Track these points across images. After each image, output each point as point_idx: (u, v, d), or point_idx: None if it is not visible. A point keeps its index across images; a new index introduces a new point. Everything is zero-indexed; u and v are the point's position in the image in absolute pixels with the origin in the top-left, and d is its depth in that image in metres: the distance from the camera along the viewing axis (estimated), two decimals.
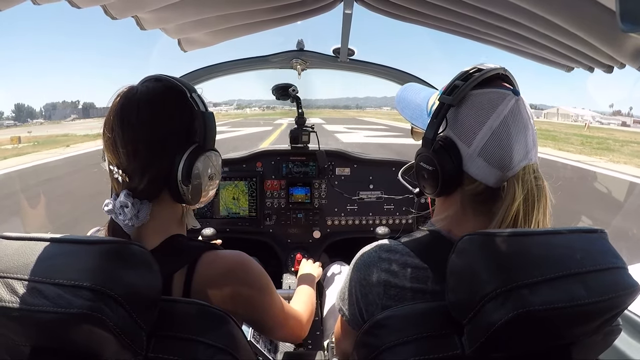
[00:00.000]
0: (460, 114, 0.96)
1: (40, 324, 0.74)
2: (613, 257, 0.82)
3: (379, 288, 0.98)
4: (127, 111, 0.99)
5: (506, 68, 0.99)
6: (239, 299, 1.04)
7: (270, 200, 2.65)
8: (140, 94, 1.01)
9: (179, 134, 1.03)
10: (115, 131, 0.98)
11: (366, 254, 1.04)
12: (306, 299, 1.55)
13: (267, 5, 1.58)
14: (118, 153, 0.98)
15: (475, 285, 0.78)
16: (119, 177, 0.99)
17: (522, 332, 0.76)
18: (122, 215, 0.98)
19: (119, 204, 0.98)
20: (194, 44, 1.91)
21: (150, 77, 1.07)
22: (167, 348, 0.83)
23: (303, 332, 1.34)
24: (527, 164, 0.94)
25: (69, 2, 1.14)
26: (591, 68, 1.39)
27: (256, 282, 1.09)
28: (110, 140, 0.99)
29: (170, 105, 1.02)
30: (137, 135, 0.98)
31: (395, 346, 0.85)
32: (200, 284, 0.99)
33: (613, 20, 0.59)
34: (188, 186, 1.02)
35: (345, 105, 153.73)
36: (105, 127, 1.00)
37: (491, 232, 0.82)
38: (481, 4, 1.26)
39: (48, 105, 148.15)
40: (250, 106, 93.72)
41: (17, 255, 0.79)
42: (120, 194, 0.98)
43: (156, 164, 1.00)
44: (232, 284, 1.03)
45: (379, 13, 1.65)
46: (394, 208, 2.70)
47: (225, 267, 1.04)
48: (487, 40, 1.64)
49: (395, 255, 1.00)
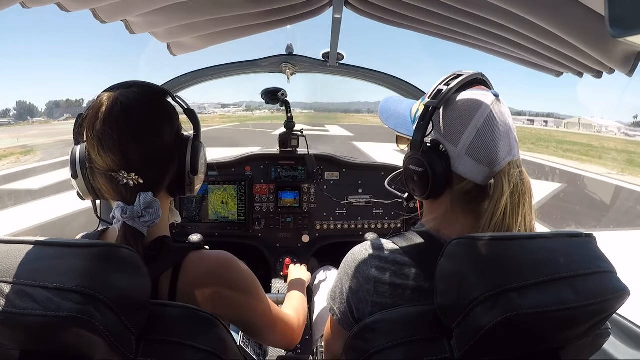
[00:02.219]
0: (445, 116, 1.00)
1: (30, 327, 0.73)
2: (601, 261, 0.83)
3: (369, 285, 0.99)
4: (125, 113, 0.99)
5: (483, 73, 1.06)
6: (222, 299, 1.04)
7: (259, 205, 2.64)
8: (131, 96, 1.02)
9: (177, 129, 1.10)
10: (119, 135, 0.97)
11: (357, 252, 1.06)
12: (297, 304, 1.54)
13: (257, 10, 1.58)
14: (124, 156, 0.98)
15: (464, 289, 0.78)
16: (129, 182, 0.98)
17: (510, 335, 0.77)
18: (146, 216, 1.00)
19: (142, 205, 0.99)
20: (183, 48, 1.90)
21: (129, 82, 1.08)
22: (156, 352, 0.83)
23: (295, 336, 1.32)
24: (512, 159, 0.98)
25: (58, 5, 1.13)
26: (580, 73, 1.41)
27: (240, 282, 1.09)
28: (112, 146, 0.97)
29: (164, 102, 1.08)
30: (141, 133, 1.00)
31: (384, 350, 0.85)
32: (185, 285, 0.99)
33: (602, 26, 0.59)
34: (194, 176, 1.09)
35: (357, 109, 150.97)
36: (99, 135, 0.98)
37: (480, 236, 0.82)
38: (470, 8, 1.27)
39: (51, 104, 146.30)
40: (260, 108, 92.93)
41: (4, 259, 0.78)
42: (139, 196, 0.99)
43: (165, 159, 1.05)
44: (214, 284, 1.03)
45: (369, 17, 1.66)
46: (382, 212, 2.71)
47: (208, 267, 1.04)
48: (476, 45, 1.66)
49: (385, 253, 1.01)
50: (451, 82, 1.01)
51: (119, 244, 0.83)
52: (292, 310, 1.44)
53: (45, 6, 1.08)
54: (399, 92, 2.52)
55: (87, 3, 1.21)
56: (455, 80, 1.01)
